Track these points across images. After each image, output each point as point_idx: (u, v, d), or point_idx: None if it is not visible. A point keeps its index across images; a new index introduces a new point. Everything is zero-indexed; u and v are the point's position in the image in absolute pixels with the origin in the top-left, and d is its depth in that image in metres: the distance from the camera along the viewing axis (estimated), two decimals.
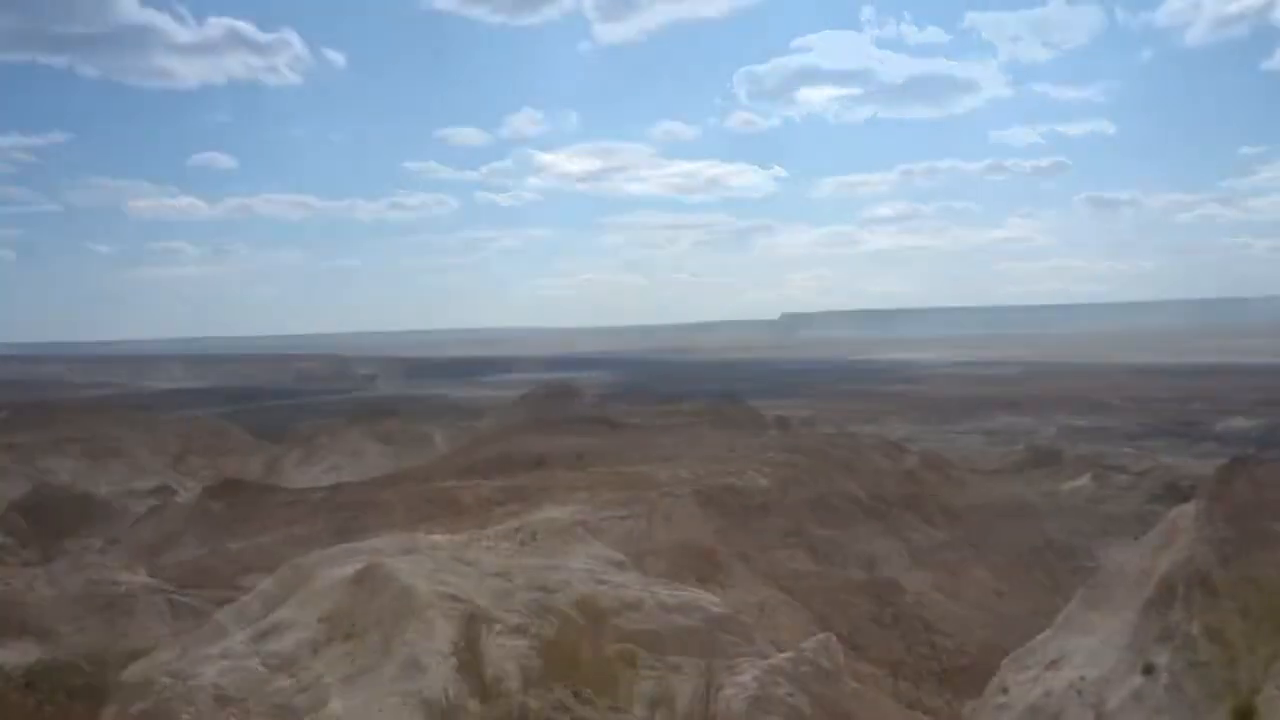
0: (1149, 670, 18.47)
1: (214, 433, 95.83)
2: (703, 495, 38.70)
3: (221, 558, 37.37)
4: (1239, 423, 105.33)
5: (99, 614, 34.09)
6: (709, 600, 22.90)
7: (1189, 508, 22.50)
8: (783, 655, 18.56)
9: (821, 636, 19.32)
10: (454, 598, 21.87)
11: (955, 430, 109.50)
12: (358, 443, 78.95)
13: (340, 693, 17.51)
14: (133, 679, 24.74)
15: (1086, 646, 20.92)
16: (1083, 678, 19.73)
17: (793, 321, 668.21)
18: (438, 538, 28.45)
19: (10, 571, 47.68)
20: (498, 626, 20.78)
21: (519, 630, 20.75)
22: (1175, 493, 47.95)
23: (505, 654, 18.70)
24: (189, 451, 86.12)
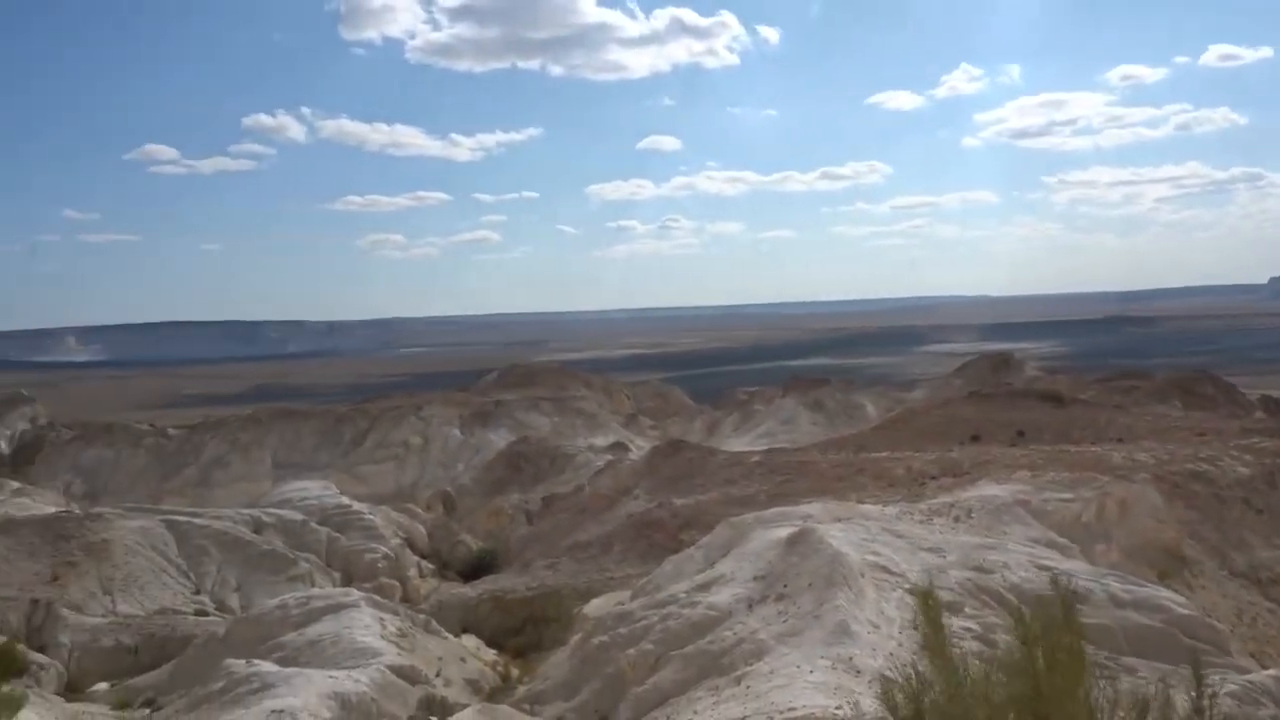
0: None
1: (660, 396, 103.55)
2: (1166, 482, 34.58)
3: (667, 511, 40.36)
4: None
5: (567, 554, 38.45)
6: (1172, 599, 20.48)
7: None
8: (1268, 672, 16.09)
9: None
10: (884, 569, 21.70)
11: None
12: (791, 410, 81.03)
13: (774, 650, 18.15)
14: (593, 613, 27.65)
15: None
16: None
17: None
18: (869, 507, 28.38)
19: (503, 514, 55.44)
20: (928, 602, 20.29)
21: (951, 608, 20.09)
22: None
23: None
24: (640, 412, 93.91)
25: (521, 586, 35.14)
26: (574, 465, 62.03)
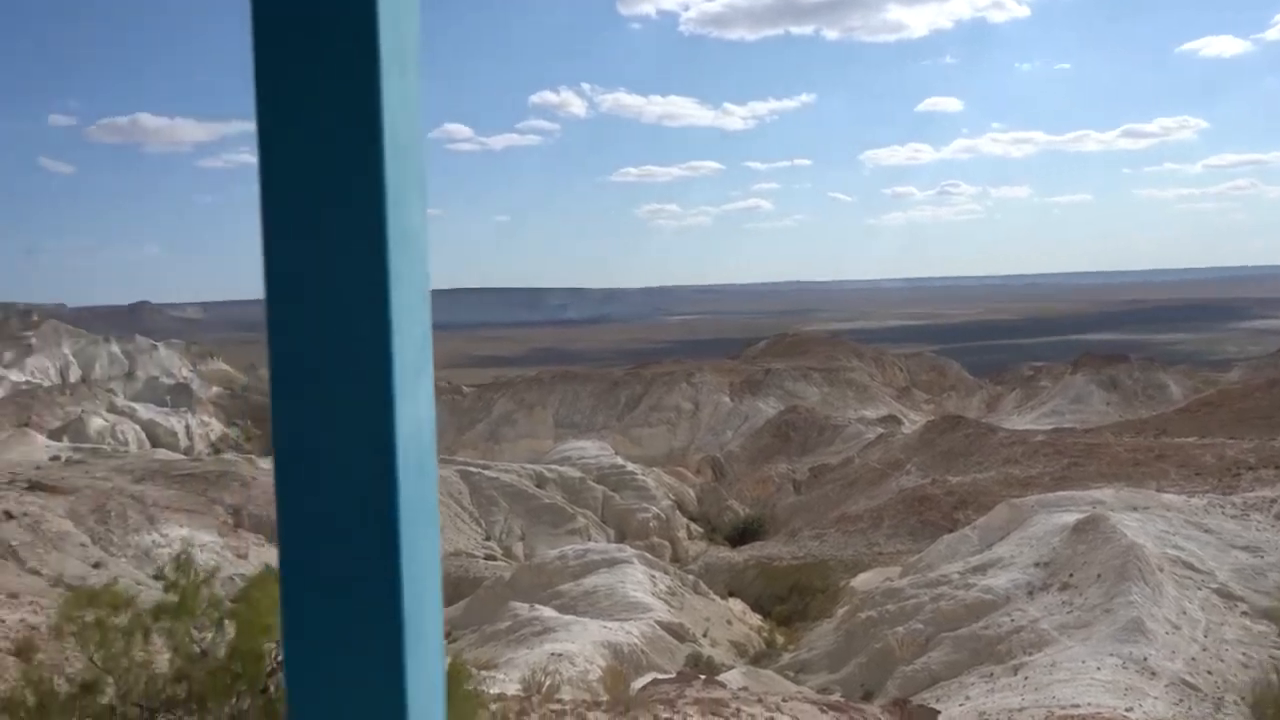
0: None
1: (935, 369, 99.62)
2: None
3: (940, 489, 38.95)
4: None
5: (834, 525, 38.11)
6: None
7: None
8: None
9: None
10: (1188, 565, 19.86)
11: None
12: (1081, 388, 75.42)
13: (1056, 642, 17.13)
14: (861, 587, 27.26)
15: None
16: None
17: None
18: (1170, 497, 25.99)
19: (770, 482, 55.75)
20: (1241, 607, 18.37)
21: (1270, 615, 18.08)
22: None
23: (1251, 638, 16.44)
24: (913, 385, 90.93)
25: (788, 555, 35.24)
26: (843, 437, 61.17)
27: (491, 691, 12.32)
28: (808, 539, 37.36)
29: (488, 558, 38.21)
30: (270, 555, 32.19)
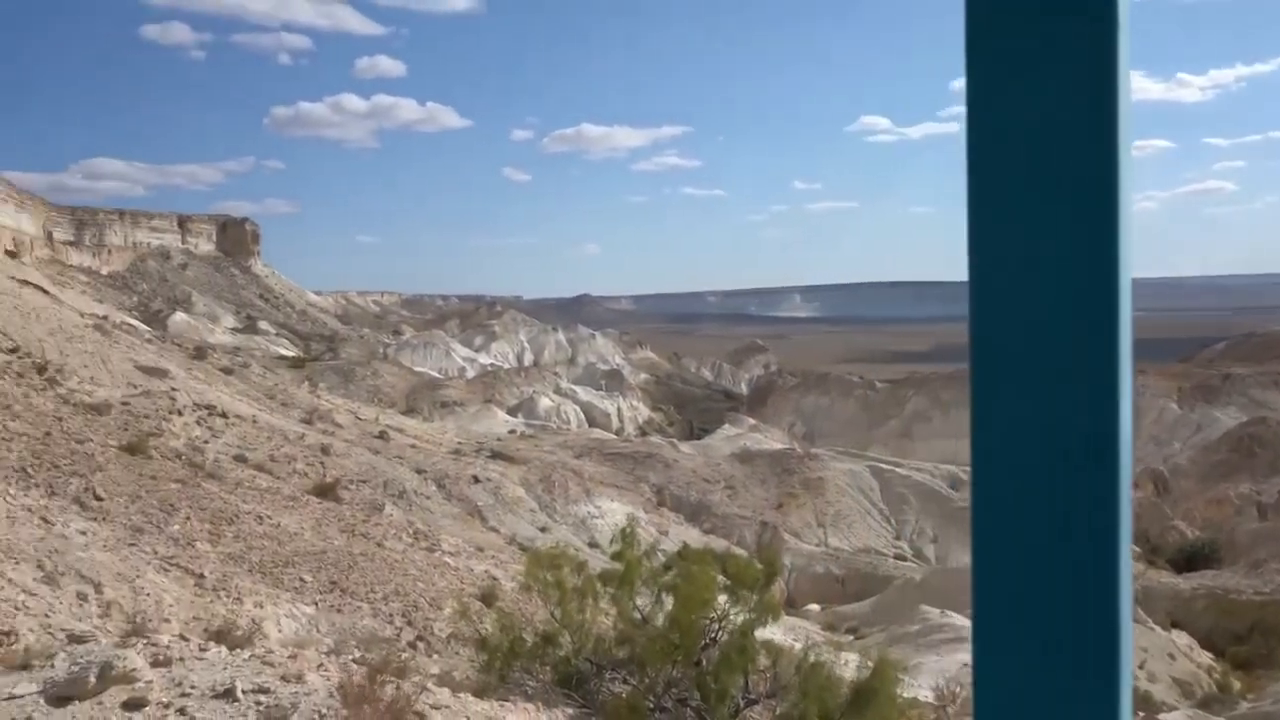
0: None
1: None
2: None
3: None
4: None
5: None
6: None
7: None
8: None
9: None
10: None
11: None
12: None
13: None
14: None
15: None
16: None
17: None
18: None
19: (1227, 503, 49.05)
20: None
21: None
22: None
23: None
24: None
25: (1250, 589, 30.75)
26: None
27: (904, 695, 12.06)
28: (1276, 572, 32.26)
29: (896, 557, 37.51)
30: (688, 534, 34.13)
